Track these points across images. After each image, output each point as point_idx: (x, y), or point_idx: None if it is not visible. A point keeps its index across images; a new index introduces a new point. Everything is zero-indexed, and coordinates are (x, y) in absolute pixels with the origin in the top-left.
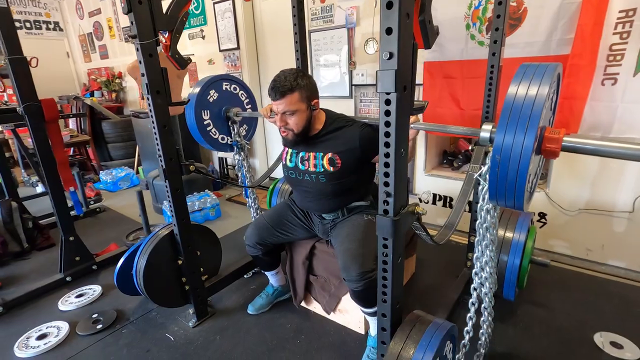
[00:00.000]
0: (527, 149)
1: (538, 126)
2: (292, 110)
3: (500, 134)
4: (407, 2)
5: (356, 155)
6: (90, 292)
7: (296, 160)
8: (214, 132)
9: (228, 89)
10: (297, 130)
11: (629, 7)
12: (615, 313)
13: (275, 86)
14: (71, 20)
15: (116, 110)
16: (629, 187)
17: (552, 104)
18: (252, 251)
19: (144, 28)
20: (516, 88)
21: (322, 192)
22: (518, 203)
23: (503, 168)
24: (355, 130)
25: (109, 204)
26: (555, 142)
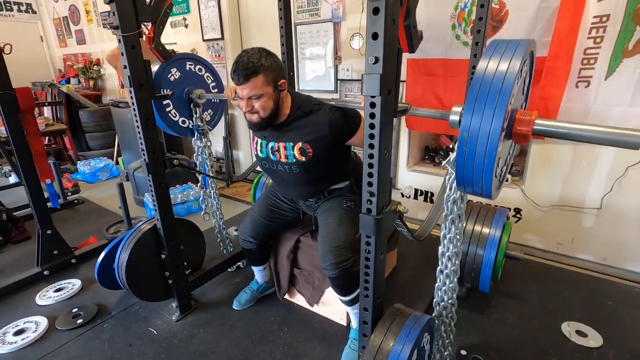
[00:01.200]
0: (495, 129)
1: (508, 104)
2: (257, 94)
3: (468, 114)
4: (393, 8)
5: (327, 142)
6: (70, 286)
7: (267, 151)
8: (173, 113)
9: (192, 70)
10: (263, 113)
11: (603, 13)
12: (582, 304)
13: (238, 69)
14: (45, 2)
15: (94, 99)
16: (598, 186)
17: (524, 85)
18: (248, 245)
19: (126, 19)
20: (485, 63)
21: (298, 181)
22: (486, 189)
23: (470, 150)
24: (324, 116)
25: (87, 195)
26: (527, 125)
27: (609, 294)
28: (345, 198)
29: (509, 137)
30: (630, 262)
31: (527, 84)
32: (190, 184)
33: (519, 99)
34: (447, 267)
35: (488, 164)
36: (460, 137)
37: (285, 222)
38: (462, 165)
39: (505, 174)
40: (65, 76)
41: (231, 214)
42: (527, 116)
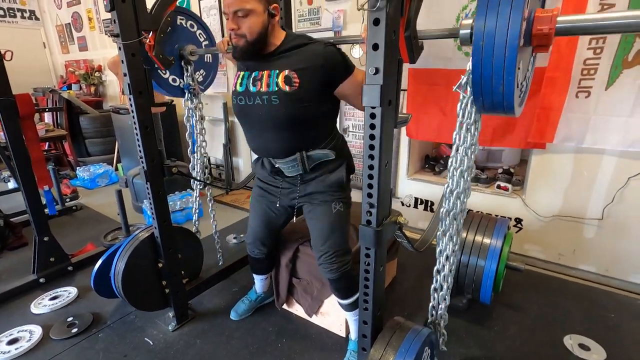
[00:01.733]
0: (514, 27)
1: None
2: (246, 9)
3: (481, 16)
4: (394, 20)
5: (318, 77)
6: (66, 294)
7: (247, 83)
8: (163, 71)
9: (183, 25)
10: (250, 36)
11: None
12: (584, 316)
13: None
14: (48, 9)
15: (95, 105)
16: (599, 196)
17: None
18: (257, 254)
19: (127, 27)
20: None
21: (276, 120)
22: (508, 99)
23: (487, 56)
24: (320, 47)
25: (86, 201)
26: (548, 22)
27: (611, 306)
28: (333, 198)
29: (529, 43)
30: (633, 273)
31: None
32: (189, 190)
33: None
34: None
35: (509, 65)
36: (475, 46)
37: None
38: (479, 72)
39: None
40: (67, 82)
41: (230, 221)
42: (547, 13)
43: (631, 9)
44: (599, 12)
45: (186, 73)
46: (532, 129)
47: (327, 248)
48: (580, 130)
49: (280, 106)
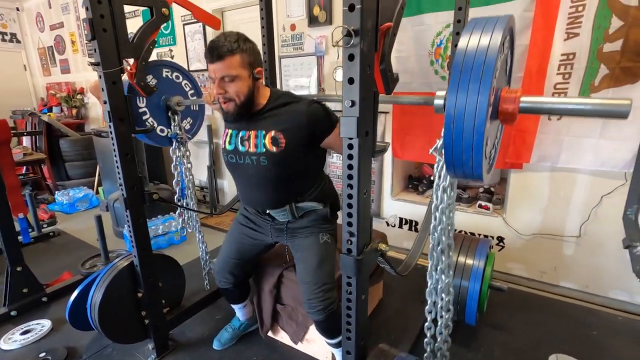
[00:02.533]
0: (482, 107)
1: (493, 79)
2: (232, 75)
3: (452, 94)
4: (368, 55)
5: (303, 135)
6: (39, 327)
7: (236, 142)
8: (151, 122)
9: (169, 77)
10: (238, 99)
11: (570, 51)
12: (568, 334)
13: (214, 46)
14: (30, 32)
15: (76, 127)
16: (576, 214)
17: (506, 65)
18: (223, 284)
19: (107, 55)
20: (467, 40)
21: (265, 179)
22: (476, 169)
23: (458, 129)
24: (303, 106)
25: (64, 227)
26: (512, 102)
27: (594, 323)
28: (321, 229)
29: (495, 117)
30: (612, 289)
31: (509, 64)
32: (172, 214)
33: (503, 78)
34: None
35: (477, 142)
36: (446, 118)
37: (255, 254)
38: (450, 147)
39: (494, 158)
40: (47, 105)
41: (214, 244)
42: (512, 93)
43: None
44: (565, 40)
45: (173, 123)
46: (509, 150)
47: (315, 280)
48: (555, 151)
49: (269, 166)
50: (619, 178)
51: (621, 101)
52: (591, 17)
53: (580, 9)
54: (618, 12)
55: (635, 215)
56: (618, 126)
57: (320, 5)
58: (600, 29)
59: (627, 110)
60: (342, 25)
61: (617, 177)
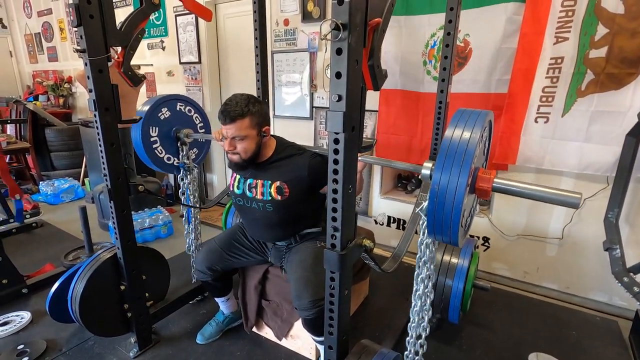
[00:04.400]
0: (461, 186)
1: (471, 166)
2: (241, 135)
3: (438, 172)
4: (356, 49)
5: (304, 185)
6: (17, 319)
7: (244, 187)
8: (160, 150)
9: (182, 110)
10: (245, 156)
11: (558, 55)
12: (548, 334)
13: (226, 110)
14: (17, 18)
15: (63, 117)
16: (559, 217)
17: (484, 147)
18: (202, 277)
19: (94, 43)
20: (452, 131)
21: (271, 221)
22: (453, 237)
23: (440, 203)
24: (305, 159)
25: (47, 218)
26: (487, 182)
27: (574, 323)
28: (318, 239)
29: (472, 191)
30: (592, 291)
31: (487, 147)
32: (160, 207)
33: (481, 159)
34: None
35: (455, 215)
36: (431, 190)
37: (242, 264)
38: (432, 215)
39: (470, 224)
40: (33, 93)
41: (202, 239)
42: (487, 174)
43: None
44: (554, 44)
45: (182, 153)
46: (496, 151)
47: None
48: (540, 153)
49: (274, 212)
50: (601, 182)
51: (573, 194)
52: (579, 23)
53: (570, 13)
54: (604, 20)
55: (616, 218)
56: (603, 130)
57: (314, 0)
58: (586, 35)
59: (578, 202)
60: (330, 18)
61: (600, 180)
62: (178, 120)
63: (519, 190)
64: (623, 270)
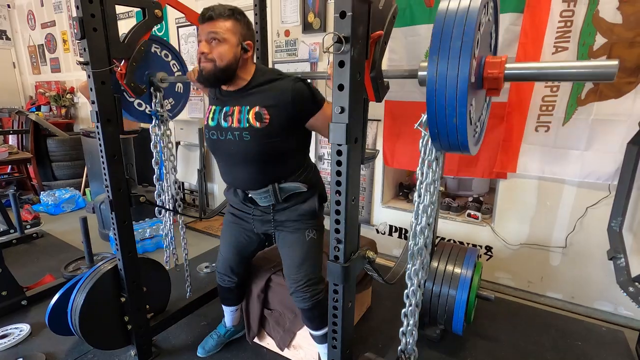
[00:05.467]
0: (463, 71)
1: (474, 43)
2: (220, 37)
3: (433, 62)
4: (358, 62)
5: (288, 112)
6: (17, 332)
7: (219, 118)
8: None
9: (157, 53)
10: (219, 62)
11: None
12: (553, 345)
13: (208, 9)
14: (21, 29)
15: (65, 127)
16: (563, 225)
17: (491, 39)
18: (227, 283)
19: (97, 55)
20: (446, 3)
21: (247, 156)
22: (462, 139)
23: (440, 98)
24: (288, 83)
25: (48, 228)
26: (497, 67)
27: (579, 333)
28: (307, 225)
29: (481, 85)
30: (597, 300)
31: (494, 38)
32: (160, 217)
33: (486, 48)
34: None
35: (461, 109)
36: (428, 87)
37: (253, 249)
38: (434, 116)
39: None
40: (36, 103)
41: (203, 249)
42: (497, 59)
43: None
44: (553, 54)
45: (154, 99)
46: (497, 159)
47: (300, 277)
48: (541, 162)
49: (252, 142)
50: (603, 190)
51: (608, 62)
52: (577, 33)
53: (568, 24)
54: (602, 30)
55: (620, 227)
56: (603, 139)
57: (315, 12)
58: (585, 45)
59: (614, 71)
60: (333, 31)
61: (602, 188)
62: (152, 64)
63: (539, 72)
64: (628, 279)
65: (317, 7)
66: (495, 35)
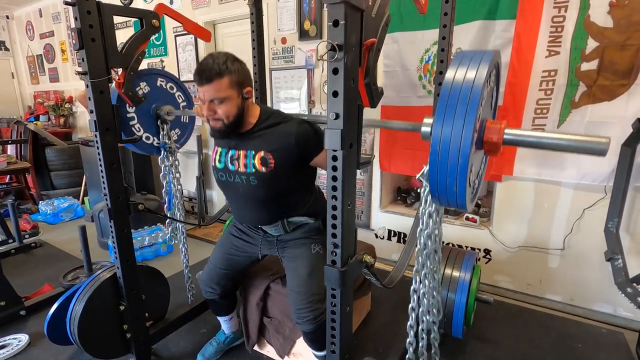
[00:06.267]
0: (467, 136)
1: (478, 111)
2: (221, 97)
3: (439, 124)
4: (352, 69)
5: (292, 155)
6: (15, 342)
7: (225, 160)
8: (137, 128)
9: (163, 87)
10: (227, 120)
11: (551, 68)
12: (553, 347)
13: (202, 69)
14: (20, 40)
15: (64, 136)
16: (560, 227)
17: (492, 99)
18: (209, 294)
19: (95, 65)
20: (454, 72)
21: (256, 198)
22: (460, 198)
23: (442, 161)
24: (292, 126)
25: (47, 238)
26: (497, 133)
27: (578, 336)
28: (312, 240)
29: (480, 147)
30: (596, 302)
31: (495, 98)
32: (159, 225)
33: (488, 110)
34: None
35: (461, 171)
36: (432, 148)
37: (244, 266)
38: (435, 176)
39: (479, 187)
40: (34, 113)
41: (202, 256)
42: (496, 125)
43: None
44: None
45: (162, 132)
46: (493, 162)
47: (305, 290)
48: (537, 164)
49: (259, 186)
50: (599, 191)
51: (600, 139)
52: (569, 38)
53: (559, 29)
54: (593, 34)
55: (616, 228)
56: None
57: (311, 19)
58: (577, 49)
59: (606, 148)
60: (326, 40)
61: (598, 190)
62: (159, 97)
63: (535, 141)
64: (626, 280)
65: (313, 14)
66: (496, 94)
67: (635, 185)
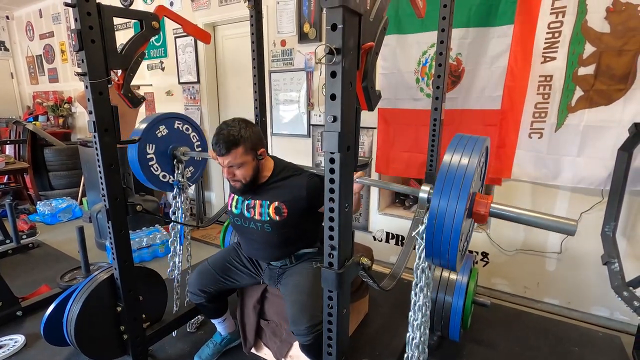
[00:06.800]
0: (459, 212)
1: (470, 190)
2: (238, 163)
3: (436, 197)
4: (350, 72)
5: (303, 205)
6: (11, 343)
7: (242, 207)
8: (155, 167)
9: (180, 128)
10: (245, 180)
11: (547, 73)
12: (550, 350)
13: (219, 141)
14: (19, 40)
15: (63, 137)
16: None
17: (481, 172)
18: (195, 299)
19: (95, 66)
20: (450, 157)
21: (268, 241)
22: (451, 261)
23: (438, 229)
24: (303, 179)
25: (44, 238)
26: (484, 207)
27: (575, 339)
28: (313, 260)
29: (470, 216)
30: (593, 305)
31: (483, 172)
32: (157, 226)
33: (478, 184)
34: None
35: (454, 240)
36: (430, 214)
37: (235, 286)
38: (430, 239)
39: (467, 248)
40: (33, 113)
41: (199, 257)
42: (484, 199)
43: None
44: (542, 63)
45: (177, 171)
46: (492, 166)
47: (303, 299)
48: (535, 168)
49: (272, 232)
50: (596, 195)
51: (569, 222)
52: (566, 42)
53: (556, 34)
54: (591, 39)
55: (613, 232)
56: (594, 145)
57: (311, 22)
58: (574, 54)
59: (574, 229)
60: (325, 43)
61: (595, 194)
62: (175, 139)
63: (515, 216)
64: (622, 284)
65: (313, 17)
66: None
67: (632, 189)
